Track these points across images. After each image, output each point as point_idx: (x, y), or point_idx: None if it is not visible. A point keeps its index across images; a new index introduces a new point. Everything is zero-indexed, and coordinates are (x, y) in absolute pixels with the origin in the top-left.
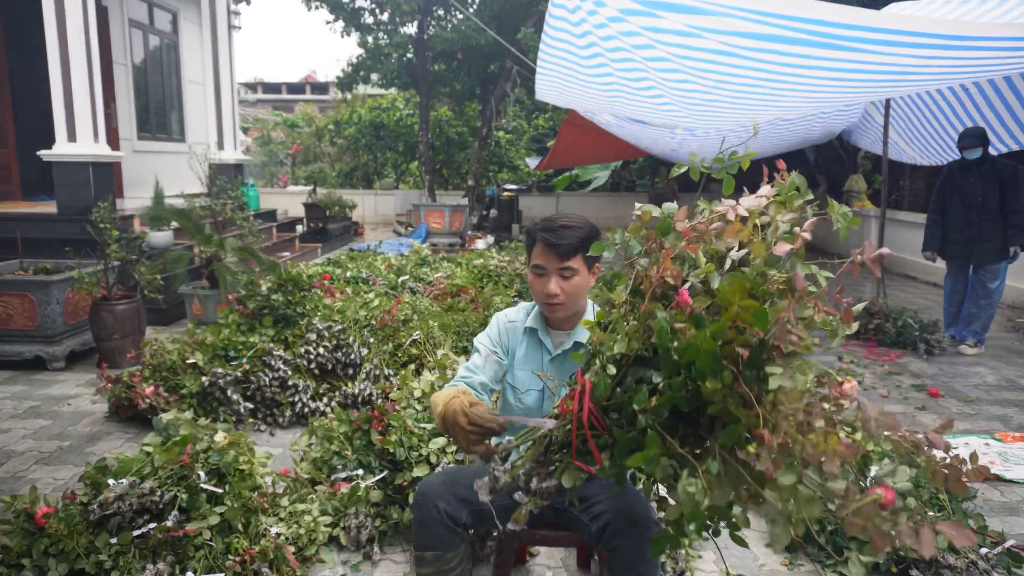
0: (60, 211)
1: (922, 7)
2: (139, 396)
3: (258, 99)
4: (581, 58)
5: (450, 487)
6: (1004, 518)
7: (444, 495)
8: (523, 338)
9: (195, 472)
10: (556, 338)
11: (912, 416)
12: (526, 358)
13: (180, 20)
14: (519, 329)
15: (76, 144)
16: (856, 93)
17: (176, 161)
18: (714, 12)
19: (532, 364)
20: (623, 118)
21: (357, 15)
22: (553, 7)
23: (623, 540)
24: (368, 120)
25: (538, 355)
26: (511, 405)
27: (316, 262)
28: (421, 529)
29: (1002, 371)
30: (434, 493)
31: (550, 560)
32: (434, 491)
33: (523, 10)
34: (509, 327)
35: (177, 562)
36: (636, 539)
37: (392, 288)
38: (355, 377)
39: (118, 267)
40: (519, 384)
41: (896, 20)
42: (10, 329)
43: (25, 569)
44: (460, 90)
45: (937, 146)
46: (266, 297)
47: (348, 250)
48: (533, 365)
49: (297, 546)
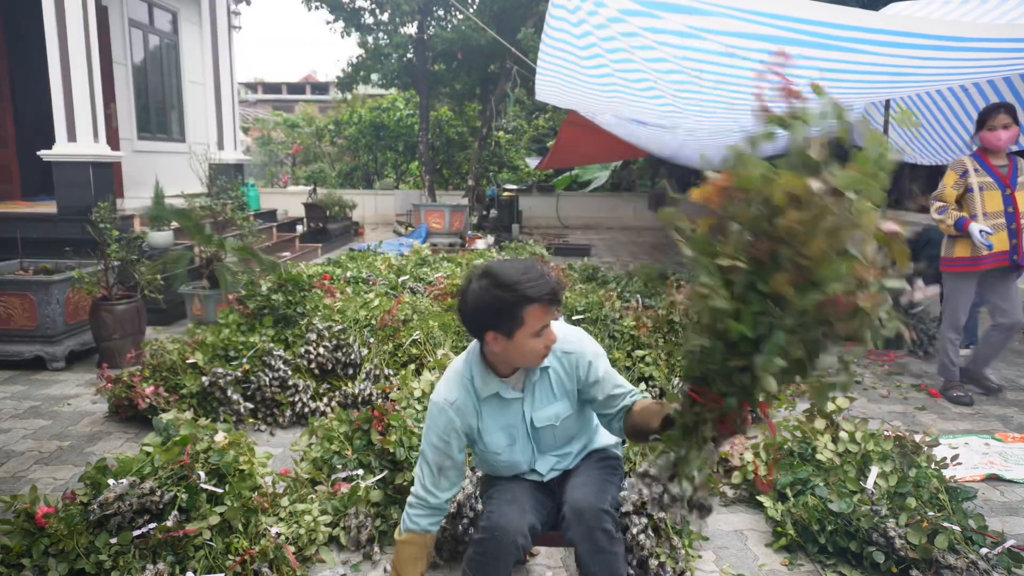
0: (60, 211)
1: (922, 7)
2: (139, 396)
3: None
4: (581, 58)
5: (524, 517)
6: (1004, 518)
7: (523, 530)
8: (477, 408)
9: (195, 472)
10: (512, 380)
11: (912, 416)
12: (493, 422)
13: (180, 20)
14: (469, 405)
15: (76, 144)
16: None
17: (176, 161)
18: (714, 13)
19: (500, 424)
20: (623, 118)
21: (357, 15)
22: (553, 7)
23: (575, 532)
24: (368, 120)
25: (503, 412)
26: (491, 456)
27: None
28: (493, 562)
29: (1002, 371)
30: (515, 529)
31: (550, 560)
32: (514, 527)
33: (523, 10)
34: (457, 412)
35: (177, 562)
36: (587, 528)
37: (392, 288)
38: (355, 377)
39: (118, 267)
40: (494, 447)
41: (896, 20)
42: (10, 329)
43: (25, 569)
44: (460, 90)
45: (937, 146)
46: (266, 297)
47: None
48: (501, 425)
49: (297, 546)
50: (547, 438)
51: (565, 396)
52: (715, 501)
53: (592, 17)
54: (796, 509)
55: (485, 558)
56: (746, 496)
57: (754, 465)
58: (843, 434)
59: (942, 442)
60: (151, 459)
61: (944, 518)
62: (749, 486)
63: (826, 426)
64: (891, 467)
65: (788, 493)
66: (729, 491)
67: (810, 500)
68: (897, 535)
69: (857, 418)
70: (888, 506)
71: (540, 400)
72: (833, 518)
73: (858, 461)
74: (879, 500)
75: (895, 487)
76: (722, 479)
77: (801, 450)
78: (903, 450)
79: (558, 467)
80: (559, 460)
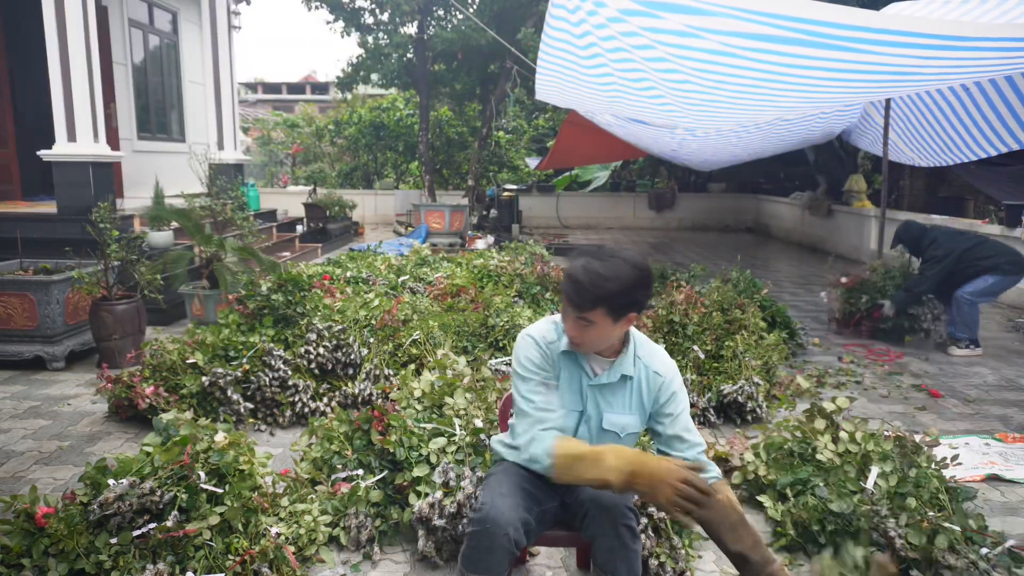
0: (60, 211)
1: (922, 7)
2: (139, 396)
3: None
4: (581, 58)
5: (517, 511)
6: (1004, 518)
7: (515, 522)
8: (561, 360)
9: (195, 472)
10: (594, 363)
11: (912, 416)
12: (569, 381)
13: (180, 20)
14: (557, 350)
15: (76, 144)
16: (856, 93)
17: (176, 161)
18: (714, 12)
19: (573, 387)
20: (623, 118)
21: (357, 15)
22: (553, 7)
23: (599, 527)
24: (368, 120)
25: (578, 379)
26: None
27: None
28: (484, 554)
29: (1002, 371)
30: (506, 521)
31: (550, 560)
32: (505, 519)
33: (523, 10)
34: (550, 348)
35: (177, 562)
36: (612, 523)
37: (392, 288)
38: (355, 377)
39: (118, 267)
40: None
41: (896, 20)
42: (10, 329)
43: (25, 569)
44: (460, 90)
45: (936, 147)
46: (266, 297)
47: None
48: (574, 388)
49: (297, 546)
50: (604, 442)
51: (640, 411)
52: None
53: (592, 17)
54: (796, 509)
55: (478, 552)
56: (746, 496)
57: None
58: (843, 434)
59: (942, 442)
60: (151, 459)
61: (944, 518)
62: (749, 486)
63: (826, 426)
64: (891, 467)
65: (788, 493)
66: None
67: (810, 500)
68: (897, 535)
69: (857, 418)
70: (888, 506)
71: (617, 403)
72: (833, 518)
73: (858, 461)
74: (879, 500)
75: (895, 487)
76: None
77: (801, 450)
78: (903, 450)
79: None
80: None
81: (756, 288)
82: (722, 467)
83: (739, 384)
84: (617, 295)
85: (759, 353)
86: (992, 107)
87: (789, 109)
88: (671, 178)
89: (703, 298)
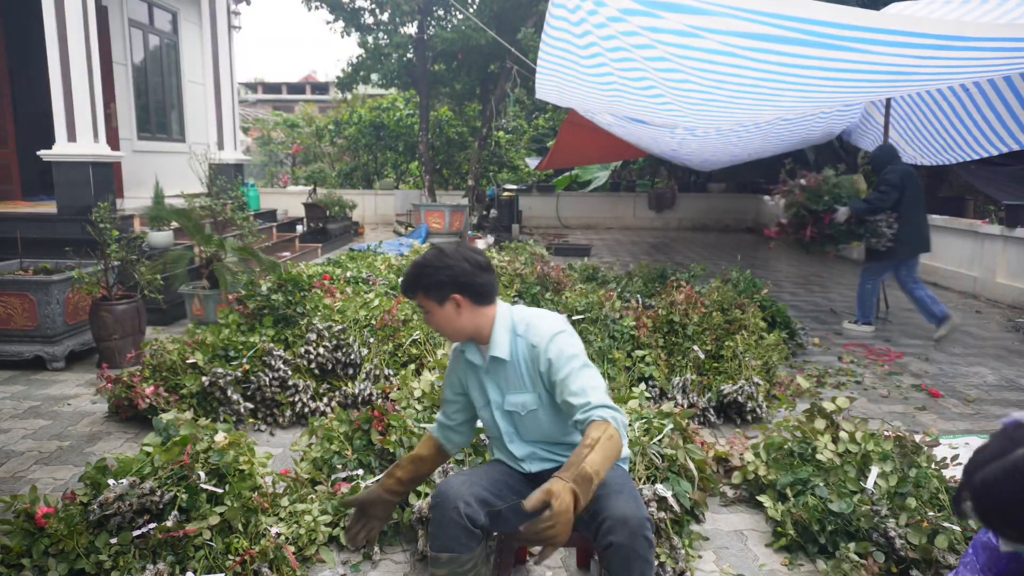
0: (60, 211)
1: (922, 7)
2: (139, 396)
3: (258, 99)
4: (581, 58)
5: (470, 488)
6: None
7: (465, 496)
8: (462, 364)
9: (195, 472)
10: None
11: (912, 416)
12: (469, 377)
13: (180, 20)
14: (460, 358)
15: (76, 144)
16: (856, 93)
17: (176, 161)
18: (714, 12)
19: (474, 382)
20: (623, 118)
21: (357, 15)
22: (553, 7)
23: (617, 537)
24: (368, 120)
25: (475, 373)
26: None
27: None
28: (439, 530)
29: (1002, 371)
30: (455, 494)
31: (550, 560)
32: (455, 492)
33: (523, 10)
34: (455, 359)
35: (177, 562)
36: (632, 535)
37: (392, 288)
38: (355, 377)
39: (118, 267)
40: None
41: (896, 20)
42: (10, 329)
43: (25, 569)
44: (460, 90)
45: (938, 145)
46: (266, 297)
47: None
48: (475, 383)
49: (297, 546)
50: (523, 425)
51: (534, 387)
52: (715, 501)
53: (592, 17)
54: (796, 509)
55: (434, 527)
56: (746, 496)
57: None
58: (843, 434)
59: (942, 442)
60: (151, 459)
61: (944, 518)
62: (749, 486)
63: (826, 426)
64: (891, 467)
65: (788, 493)
66: (729, 491)
67: (810, 500)
68: (897, 535)
69: (857, 418)
70: (888, 506)
71: (511, 384)
72: (833, 518)
73: (858, 461)
74: (879, 500)
75: (895, 487)
76: (722, 479)
77: (801, 450)
78: (903, 450)
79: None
80: (547, 454)
81: (756, 288)
82: (722, 467)
83: (739, 384)
84: (422, 278)
85: (759, 353)
86: (992, 107)
87: (789, 109)
88: (671, 178)
89: (703, 298)
